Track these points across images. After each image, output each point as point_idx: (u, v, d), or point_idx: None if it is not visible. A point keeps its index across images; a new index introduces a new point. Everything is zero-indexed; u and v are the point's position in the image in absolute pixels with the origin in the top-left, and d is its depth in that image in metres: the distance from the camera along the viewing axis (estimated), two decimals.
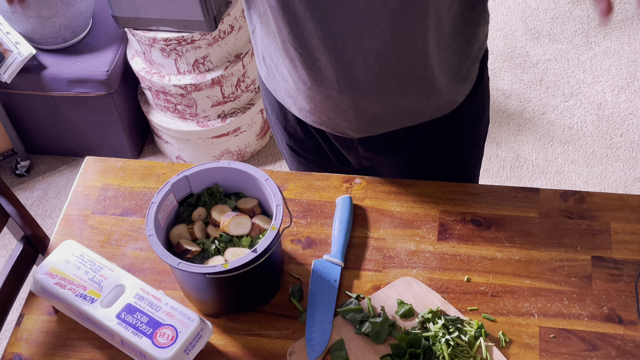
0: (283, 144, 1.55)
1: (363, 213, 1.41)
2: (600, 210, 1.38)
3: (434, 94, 1.31)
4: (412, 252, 1.36)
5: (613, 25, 2.96)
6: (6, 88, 2.48)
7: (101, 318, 1.21)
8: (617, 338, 1.24)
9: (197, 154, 2.64)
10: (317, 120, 1.37)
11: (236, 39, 2.40)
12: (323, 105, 1.31)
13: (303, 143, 1.49)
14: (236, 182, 1.32)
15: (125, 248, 1.40)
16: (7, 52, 2.37)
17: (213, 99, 2.46)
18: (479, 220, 1.39)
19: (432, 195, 1.42)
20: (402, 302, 1.28)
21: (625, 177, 2.56)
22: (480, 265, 1.33)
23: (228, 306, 1.31)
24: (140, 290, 1.24)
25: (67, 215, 1.46)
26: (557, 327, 1.26)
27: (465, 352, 1.21)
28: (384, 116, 1.33)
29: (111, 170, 1.51)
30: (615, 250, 1.33)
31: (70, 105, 2.52)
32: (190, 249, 1.26)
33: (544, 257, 1.33)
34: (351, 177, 1.46)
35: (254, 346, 1.27)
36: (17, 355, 1.29)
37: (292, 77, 1.30)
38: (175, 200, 1.30)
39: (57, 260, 1.28)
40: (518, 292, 1.30)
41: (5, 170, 2.74)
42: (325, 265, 1.34)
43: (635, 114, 2.71)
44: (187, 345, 1.19)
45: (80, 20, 2.45)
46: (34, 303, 1.35)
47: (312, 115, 1.36)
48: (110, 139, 2.65)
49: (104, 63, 2.44)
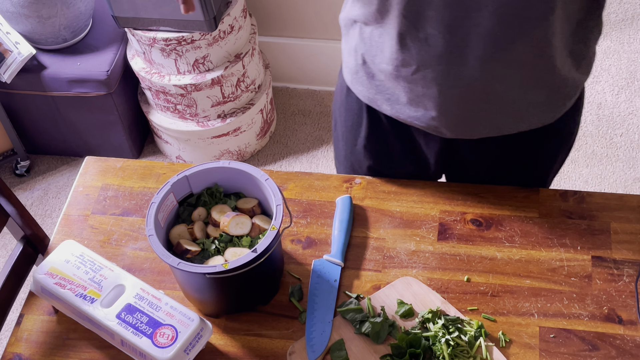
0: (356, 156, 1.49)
1: (363, 213, 1.41)
2: (600, 210, 1.38)
3: (540, 94, 1.26)
4: (412, 252, 1.36)
5: (613, 25, 2.96)
6: (6, 88, 2.47)
7: (101, 318, 1.21)
8: (617, 338, 1.24)
9: (197, 154, 2.64)
10: (411, 115, 1.31)
11: (236, 39, 2.40)
12: (423, 95, 1.25)
13: (381, 147, 1.44)
14: (236, 182, 1.32)
15: (125, 248, 1.40)
16: (7, 52, 2.37)
17: (213, 99, 2.46)
18: (479, 220, 1.39)
19: (432, 195, 1.42)
20: (402, 302, 1.28)
21: (625, 177, 2.56)
22: (480, 265, 1.33)
23: (228, 306, 1.31)
24: (140, 290, 1.24)
25: (67, 215, 1.46)
26: (557, 327, 1.26)
27: (465, 352, 1.21)
28: (483, 114, 1.27)
29: (111, 170, 1.51)
30: (615, 250, 1.33)
31: (70, 105, 2.52)
32: (190, 249, 1.26)
33: (544, 257, 1.33)
34: (351, 177, 1.47)
35: (254, 346, 1.27)
36: (17, 355, 1.29)
37: (393, 64, 1.23)
38: (175, 200, 1.30)
39: (57, 260, 1.28)
40: (518, 292, 1.30)
41: (5, 170, 2.74)
42: (325, 265, 1.34)
43: (635, 114, 2.71)
44: (187, 345, 1.19)
45: (80, 20, 2.45)
46: (34, 303, 1.35)
47: (407, 108, 1.30)
48: (110, 139, 2.65)
49: (104, 63, 2.44)
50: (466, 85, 1.22)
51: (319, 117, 2.80)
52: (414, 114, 1.30)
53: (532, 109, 1.28)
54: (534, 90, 1.25)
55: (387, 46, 1.23)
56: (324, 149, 2.71)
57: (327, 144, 2.73)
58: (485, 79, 1.21)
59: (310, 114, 2.81)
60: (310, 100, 2.86)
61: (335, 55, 2.76)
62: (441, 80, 1.22)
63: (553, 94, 1.28)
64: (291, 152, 2.72)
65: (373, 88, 1.33)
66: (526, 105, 1.27)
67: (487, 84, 1.22)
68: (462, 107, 1.26)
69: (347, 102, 1.43)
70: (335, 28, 2.68)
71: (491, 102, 1.25)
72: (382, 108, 1.35)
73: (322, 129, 2.77)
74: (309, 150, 2.72)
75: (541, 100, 1.27)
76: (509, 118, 1.29)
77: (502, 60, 1.18)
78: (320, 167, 2.67)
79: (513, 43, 1.15)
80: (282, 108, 2.85)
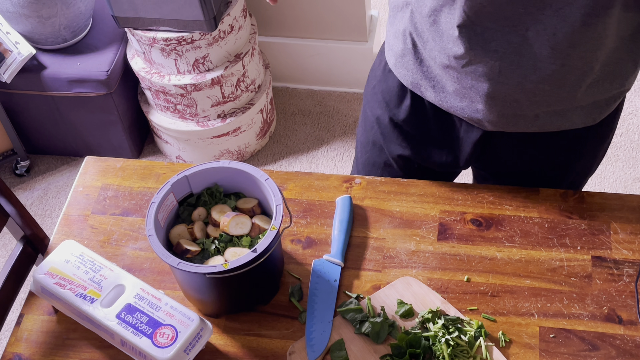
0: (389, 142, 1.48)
1: (363, 213, 1.41)
2: (600, 210, 1.38)
3: (588, 98, 1.26)
4: (412, 252, 1.36)
5: None
6: (6, 88, 2.48)
7: (101, 318, 1.21)
8: (617, 338, 1.24)
9: (197, 154, 2.64)
10: (454, 105, 1.30)
11: (236, 39, 2.40)
12: (471, 88, 1.25)
13: (419, 132, 1.42)
14: (236, 182, 1.32)
15: (125, 248, 1.40)
16: (7, 52, 2.37)
17: (213, 98, 2.46)
18: (479, 220, 1.39)
19: (432, 195, 1.42)
20: (402, 302, 1.28)
21: (625, 177, 2.56)
22: (480, 265, 1.33)
23: (228, 306, 1.31)
24: (140, 290, 1.24)
25: (67, 215, 1.46)
26: (557, 327, 1.26)
27: (465, 352, 1.21)
28: (528, 112, 1.27)
29: (111, 170, 1.51)
30: (615, 250, 1.33)
31: (70, 105, 2.52)
32: (190, 249, 1.26)
33: (544, 257, 1.33)
34: (351, 177, 1.46)
35: (254, 346, 1.27)
36: (17, 355, 1.29)
37: (446, 53, 1.22)
38: (175, 200, 1.30)
39: (57, 260, 1.28)
40: (518, 292, 1.30)
41: (5, 170, 2.74)
42: (325, 265, 1.34)
43: (635, 114, 2.71)
44: (187, 345, 1.19)
45: (80, 20, 2.45)
46: (34, 303, 1.35)
47: (452, 98, 1.30)
48: (110, 139, 2.65)
49: (104, 63, 2.44)
50: (517, 83, 1.21)
51: (319, 117, 2.80)
52: (459, 104, 1.30)
53: (579, 110, 1.28)
54: (584, 93, 1.25)
55: (442, 35, 1.21)
56: (324, 149, 2.71)
57: (327, 144, 2.73)
58: (538, 80, 1.20)
59: (310, 114, 2.81)
60: (310, 100, 2.85)
61: (336, 55, 2.76)
62: (493, 76, 1.21)
63: (600, 97, 1.28)
64: (291, 152, 2.72)
65: (419, 73, 1.32)
66: (573, 107, 1.28)
67: (538, 85, 1.21)
68: (509, 104, 1.25)
69: (386, 84, 1.42)
70: (336, 28, 2.68)
71: (539, 103, 1.25)
72: (426, 94, 1.34)
73: (322, 129, 2.77)
74: (309, 150, 2.72)
75: (589, 103, 1.28)
76: (554, 117, 1.29)
77: (557, 63, 1.17)
78: (320, 167, 2.67)
79: (573, 47, 1.14)
80: (282, 108, 2.85)
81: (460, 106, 1.30)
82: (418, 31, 1.27)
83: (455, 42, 1.20)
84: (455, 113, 1.32)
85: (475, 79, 1.23)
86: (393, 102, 1.42)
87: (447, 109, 1.33)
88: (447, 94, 1.30)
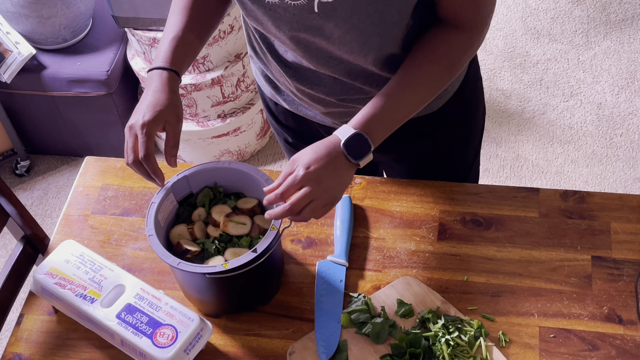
0: (282, 142, 1.56)
1: (363, 213, 1.41)
2: (600, 210, 1.38)
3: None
4: (412, 252, 1.36)
5: (613, 25, 2.96)
6: (6, 88, 2.48)
7: (101, 318, 1.21)
8: (617, 338, 1.24)
9: (197, 154, 2.64)
10: (307, 114, 1.39)
11: (236, 39, 2.40)
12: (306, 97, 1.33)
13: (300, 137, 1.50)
14: (236, 182, 1.32)
15: (125, 248, 1.40)
16: (7, 52, 2.37)
17: (213, 99, 2.46)
18: (479, 220, 1.39)
19: (432, 195, 1.42)
20: (402, 302, 1.28)
21: (625, 177, 2.56)
22: (480, 265, 1.33)
23: (228, 306, 1.31)
24: (140, 290, 1.24)
25: (67, 215, 1.46)
26: (557, 327, 1.26)
27: (465, 352, 1.21)
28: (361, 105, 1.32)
29: (111, 170, 1.51)
30: (615, 250, 1.33)
31: (70, 105, 2.52)
32: (190, 249, 1.26)
33: (544, 257, 1.33)
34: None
35: (254, 346, 1.27)
36: (17, 355, 1.29)
37: (280, 79, 1.34)
38: (175, 200, 1.30)
39: (57, 260, 1.28)
40: (518, 292, 1.30)
41: (5, 170, 2.74)
42: (330, 266, 1.34)
43: (635, 114, 2.71)
44: (187, 345, 1.19)
45: (80, 20, 2.45)
46: (34, 303, 1.35)
47: (303, 108, 1.38)
48: (110, 139, 2.65)
49: (104, 63, 2.44)
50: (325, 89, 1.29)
51: None
52: (309, 112, 1.39)
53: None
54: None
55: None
56: None
57: None
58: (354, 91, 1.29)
59: None
60: None
61: None
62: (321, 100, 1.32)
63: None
64: None
65: (276, 91, 1.41)
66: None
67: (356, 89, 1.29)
68: (339, 104, 1.31)
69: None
70: None
71: (365, 92, 1.30)
72: (284, 105, 1.43)
73: None
74: None
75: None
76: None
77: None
78: None
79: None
80: None
81: (311, 114, 1.39)
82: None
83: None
84: (315, 119, 1.40)
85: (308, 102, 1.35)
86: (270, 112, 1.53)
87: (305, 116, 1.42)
88: (297, 105, 1.39)
